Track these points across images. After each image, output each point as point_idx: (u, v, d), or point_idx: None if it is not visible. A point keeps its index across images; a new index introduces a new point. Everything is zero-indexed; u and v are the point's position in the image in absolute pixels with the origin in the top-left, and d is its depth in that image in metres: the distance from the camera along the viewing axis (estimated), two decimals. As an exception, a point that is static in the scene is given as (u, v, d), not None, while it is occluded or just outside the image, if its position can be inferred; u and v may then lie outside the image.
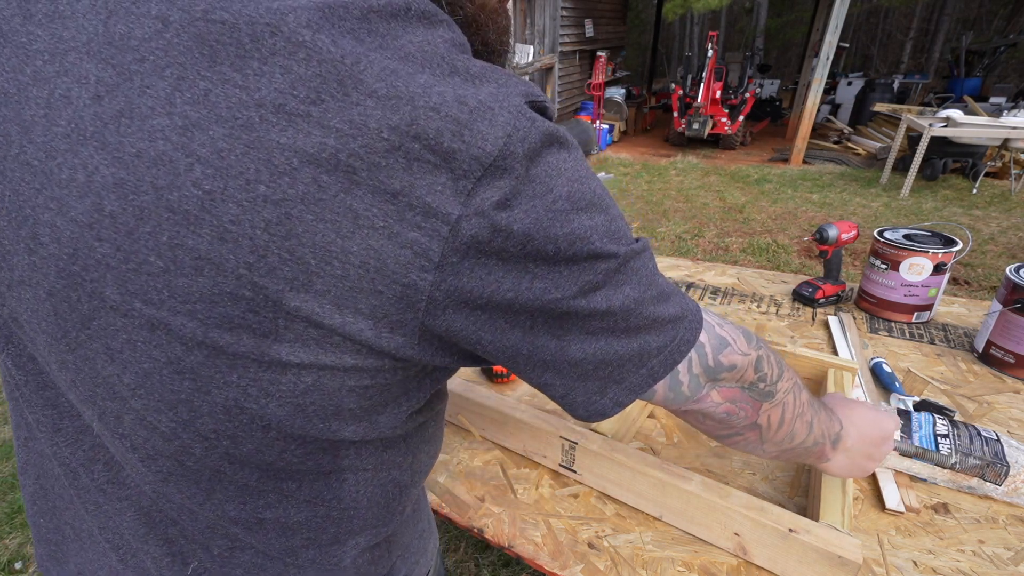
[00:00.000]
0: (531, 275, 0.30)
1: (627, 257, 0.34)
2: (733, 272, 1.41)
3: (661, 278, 0.37)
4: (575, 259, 0.31)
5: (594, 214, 0.32)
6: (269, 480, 0.36)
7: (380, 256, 0.27)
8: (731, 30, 18.45)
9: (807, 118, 5.93)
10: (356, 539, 0.42)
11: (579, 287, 0.32)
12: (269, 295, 0.27)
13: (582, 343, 0.34)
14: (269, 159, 0.25)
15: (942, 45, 12.62)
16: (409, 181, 0.26)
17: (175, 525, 0.39)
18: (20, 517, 1.79)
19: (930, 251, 1.05)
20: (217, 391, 0.30)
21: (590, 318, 0.33)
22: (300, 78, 0.25)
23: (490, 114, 0.27)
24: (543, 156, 0.29)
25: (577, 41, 7.83)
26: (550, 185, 0.29)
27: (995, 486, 0.68)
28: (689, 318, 0.39)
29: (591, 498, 0.73)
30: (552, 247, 0.30)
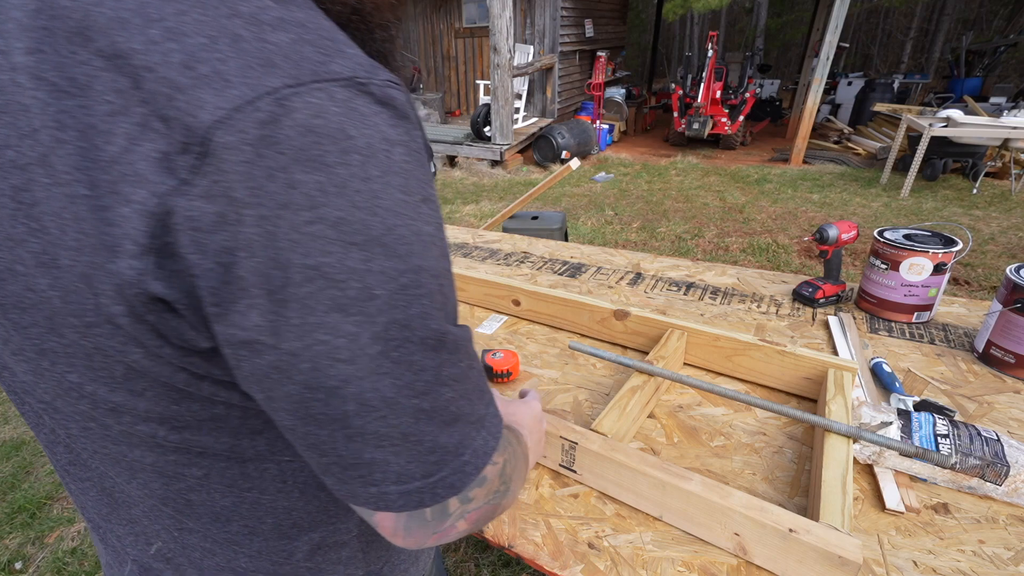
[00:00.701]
0: (246, 302, 0.24)
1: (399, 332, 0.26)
2: (733, 272, 1.41)
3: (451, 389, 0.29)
4: (310, 306, 0.24)
5: (376, 256, 0.25)
6: (170, 464, 0.35)
7: (99, 231, 0.24)
8: (731, 30, 18.45)
9: (807, 118, 5.93)
10: (309, 535, 0.41)
11: (303, 345, 0.25)
12: (28, 273, 0.26)
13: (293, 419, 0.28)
14: (14, 121, 0.25)
15: (942, 45, 12.61)
16: (125, 146, 0.23)
17: (137, 505, 0.39)
18: (20, 517, 1.79)
19: (930, 251, 1.05)
20: (47, 373, 0.30)
21: (308, 395, 0.26)
22: (26, 29, 0.24)
23: (221, 84, 0.23)
24: (308, 156, 0.24)
25: (577, 41, 7.83)
26: (308, 198, 0.24)
27: (995, 486, 0.68)
28: (466, 458, 0.31)
29: (591, 498, 0.73)
30: (280, 276, 0.24)
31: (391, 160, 0.26)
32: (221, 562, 0.41)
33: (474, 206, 5.00)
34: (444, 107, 7.67)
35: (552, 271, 1.46)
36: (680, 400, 0.91)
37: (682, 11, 10.37)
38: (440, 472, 0.30)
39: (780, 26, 16.30)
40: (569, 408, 0.91)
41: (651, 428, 0.85)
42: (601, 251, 1.59)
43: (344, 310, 0.25)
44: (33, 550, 1.69)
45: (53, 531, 1.75)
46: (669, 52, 19.28)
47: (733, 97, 6.80)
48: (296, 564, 0.42)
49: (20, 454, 2.06)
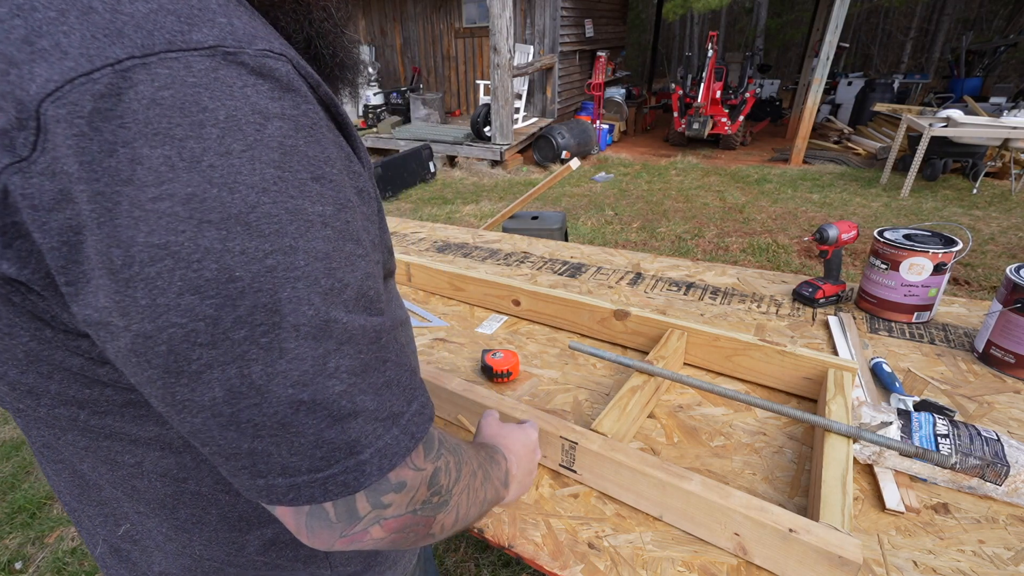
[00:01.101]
0: (92, 283, 0.24)
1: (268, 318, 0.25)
2: (733, 272, 1.41)
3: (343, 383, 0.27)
4: (160, 287, 0.23)
5: (235, 236, 0.23)
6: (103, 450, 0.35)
7: None
8: (731, 30, 18.45)
9: (807, 118, 5.93)
10: (260, 530, 0.41)
11: (157, 326, 0.24)
12: None
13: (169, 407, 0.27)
14: None
15: (942, 45, 12.61)
16: None
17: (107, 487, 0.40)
18: (20, 517, 1.79)
19: (930, 251, 1.05)
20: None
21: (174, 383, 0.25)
22: None
23: (58, 57, 0.22)
24: (153, 130, 0.22)
25: (577, 41, 7.83)
26: (153, 173, 0.22)
27: (995, 486, 0.68)
28: (364, 457, 0.29)
29: (591, 498, 0.73)
30: (120, 255, 0.23)
31: (263, 134, 0.24)
32: (179, 547, 0.41)
33: (474, 206, 5.00)
34: (444, 107, 7.67)
35: (552, 271, 1.46)
36: (680, 400, 0.91)
37: (682, 11, 10.38)
38: (330, 469, 0.28)
39: (780, 26, 16.29)
40: (569, 408, 0.91)
41: (651, 428, 0.85)
42: (601, 251, 1.59)
43: (200, 292, 0.23)
44: (33, 550, 1.69)
45: (53, 531, 1.75)
46: (669, 52, 19.28)
47: (733, 97, 6.80)
48: (250, 557, 0.42)
49: (20, 454, 2.06)
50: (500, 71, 5.72)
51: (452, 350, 1.10)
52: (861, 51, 16.33)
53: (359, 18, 8.05)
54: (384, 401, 0.30)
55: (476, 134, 6.34)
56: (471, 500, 0.41)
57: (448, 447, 0.38)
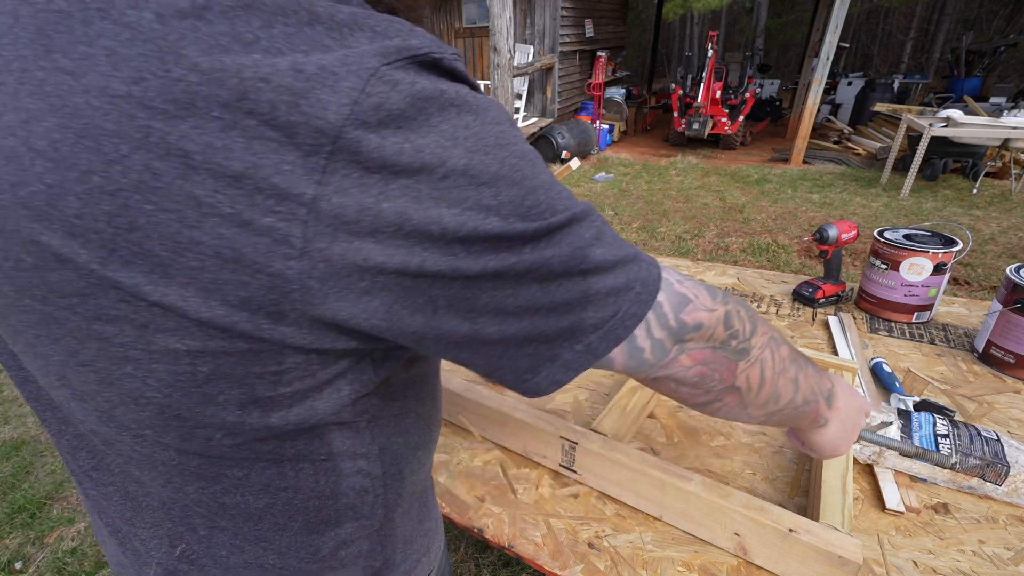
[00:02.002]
0: (418, 258, 0.27)
1: (545, 232, 0.30)
2: (733, 272, 1.41)
3: (600, 248, 0.33)
4: (473, 239, 0.28)
5: (501, 188, 0.29)
6: (213, 467, 0.35)
7: (235, 245, 0.25)
8: (731, 30, 18.45)
9: (807, 118, 5.93)
10: (336, 530, 0.42)
11: (480, 269, 0.29)
12: (128, 289, 0.26)
13: (500, 325, 0.31)
14: (99, 147, 0.24)
15: (942, 45, 12.61)
16: (252, 162, 0.24)
17: (162, 507, 0.39)
18: (20, 517, 1.79)
19: (930, 251, 1.05)
20: (119, 383, 0.30)
21: (506, 300, 0.31)
22: (123, 58, 0.23)
23: (332, 80, 0.24)
24: (421, 123, 0.26)
25: (577, 41, 7.83)
26: (435, 156, 0.26)
27: (995, 486, 0.68)
28: (637, 288, 0.35)
29: (591, 498, 0.73)
30: (437, 228, 0.27)
31: (476, 103, 0.29)
32: (249, 559, 0.41)
33: (474, 206, 5.00)
34: (444, 107, 7.66)
35: (552, 271, 1.46)
36: (680, 400, 0.91)
37: (682, 11, 10.38)
38: (621, 307, 0.34)
39: (780, 26, 16.30)
40: (569, 408, 0.91)
41: (651, 428, 0.85)
42: (601, 251, 1.59)
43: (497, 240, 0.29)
44: (33, 550, 1.69)
45: (53, 531, 1.75)
46: (669, 52, 19.28)
47: (733, 97, 6.80)
48: (321, 560, 0.42)
49: (20, 454, 2.06)
50: (500, 71, 5.72)
51: (452, 350, 1.09)
52: (861, 51, 16.33)
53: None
54: (621, 249, 0.35)
55: (476, 134, 6.33)
56: (776, 367, 0.45)
57: (738, 301, 0.43)
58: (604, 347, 0.35)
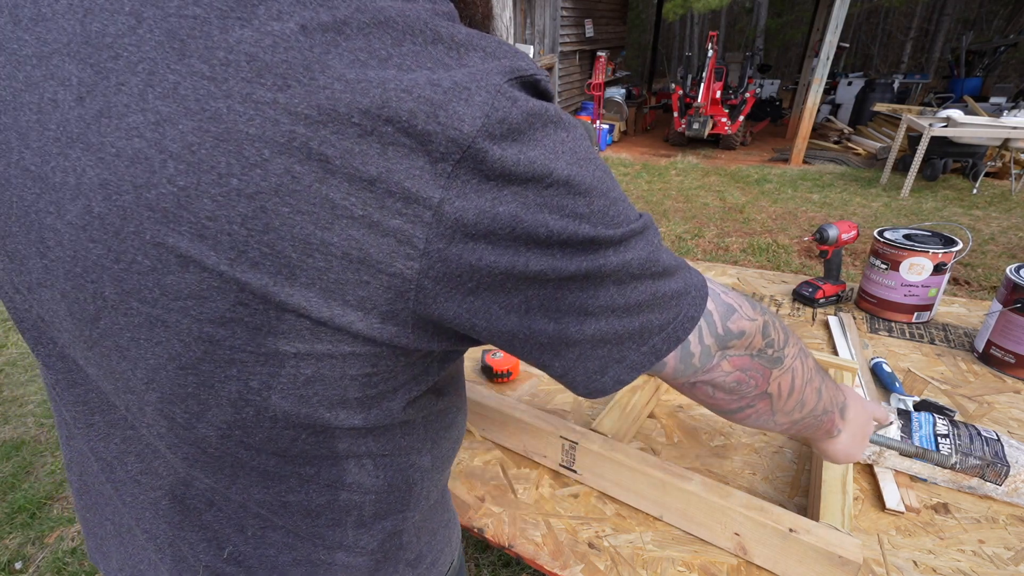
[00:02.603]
0: (524, 259, 0.29)
1: (625, 238, 0.33)
2: (733, 272, 1.41)
3: (664, 253, 0.36)
4: (569, 243, 0.30)
5: (593, 199, 0.31)
6: (288, 466, 0.36)
7: (362, 246, 0.26)
8: (731, 30, 18.45)
9: (807, 118, 5.93)
10: (382, 523, 0.43)
11: (574, 270, 0.31)
12: (255, 290, 0.27)
13: (580, 324, 0.34)
14: (239, 151, 0.24)
15: (942, 45, 12.62)
16: (386, 167, 0.25)
17: (209, 510, 0.40)
18: (20, 517, 1.79)
19: (930, 251, 1.05)
20: (220, 385, 0.31)
21: (588, 300, 0.33)
22: (267, 65, 0.24)
23: (466, 94, 0.26)
24: (531, 137, 0.28)
25: (577, 41, 7.83)
26: (543, 167, 0.28)
27: (995, 486, 0.68)
28: (693, 293, 0.38)
29: (591, 498, 0.73)
30: (544, 231, 0.29)
31: (565, 121, 0.31)
32: (299, 556, 0.42)
33: (474, 206, 5.00)
34: (444, 107, 7.67)
35: (552, 271, 1.46)
36: (680, 400, 0.91)
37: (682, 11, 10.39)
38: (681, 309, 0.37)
39: (780, 26, 16.30)
40: (569, 408, 0.91)
41: (651, 428, 0.85)
42: (601, 251, 1.59)
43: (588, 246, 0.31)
44: (33, 550, 1.69)
45: (53, 531, 1.75)
46: (669, 52, 19.28)
47: (733, 97, 6.80)
48: (367, 553, 0.43)
49: (20, 454, 2.06)
50: (500, 71, 5.71)
51: (452, 350, 1.10)
52: (861, 51, 16.33)
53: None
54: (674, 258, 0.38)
55: (476, 134, 6.33)
56: (805, 376, 0.48)
57: (773, 313, 0.45)
58: (666, 348, 0.37)
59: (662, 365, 0.38)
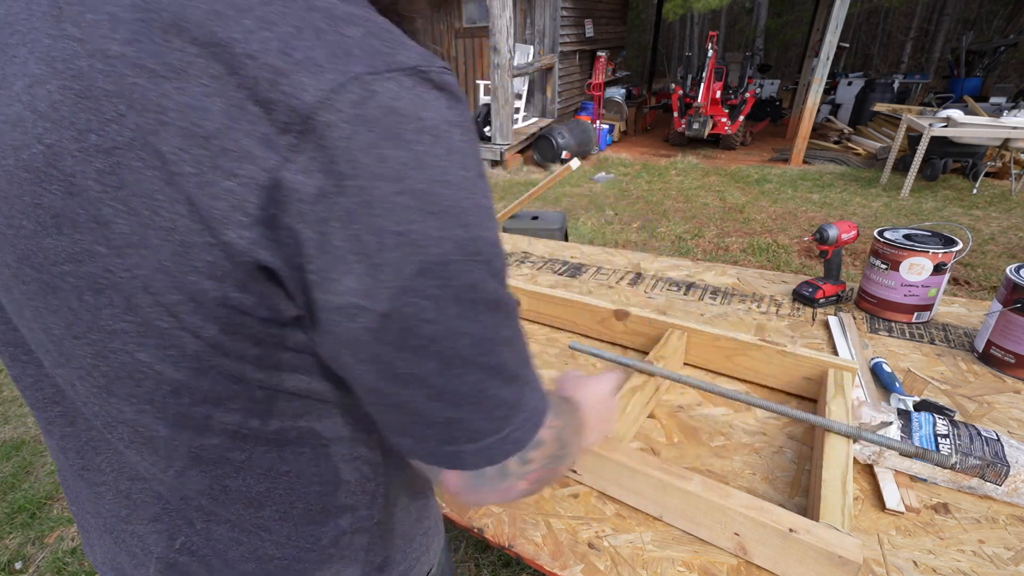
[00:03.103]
0: (346, 265, 0.27)
1: (472, 291, 0.29)
2: (733, 272, 1.41)
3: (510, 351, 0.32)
4: (401, 270, 0.27)
5: (449, 226, 0.28)
6: (215, 450, 0.36)
7: (198, 207, 0.26)
8: (731, 30, 18.45)
9: (807, 118, 5.92)
10: (336, 520, 0.42)
11: (392, 307, 0.28)
12: (105, 256, 0.27)
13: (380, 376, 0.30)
14: (98, 107, 0.25)
15: (942, 45, 12.61)
16: (225, 125, 0.25)
17: (157, 502, 0.40)
18: (20, 517, 1.79)
19: (930, 251, 1.05)
20: (113, 356, 0.31)
21: (398, 350, 0.29)
22: (123, 21, 0.25)
23: (317, 69, 0.25)
24: (392, 135, 0.26)
25: (577, 41, 7.83)
26: (396, 172, 0.26)
27: (995, 486, 0.68)
28: (526, 415, 0.33)
29: (591, 498, 0.73)
30: (375, 241, 0.26)
31: (452, 140, 0.28)
32: (247, 552, 0.41)
33: (474, 206, 4.99)
34: (444, 107, 7.66)
35: (552, 271, 1.46)
36: (680, 400, 0.91)
37: (682, 11, 10.38)
38: (507, 428, 0.33)
39: (780, 26, 16.30)
40: (569, 408, 0.91)
41: (651, 428, 0.85)
42: (601, 251, 1.59)
43: (427, 274, 0.28)
44: (33, 550, 1.69)
45: (53, 531, 1.75)
46: (669, 52, 19.28)
47: (733, 97, 6.80)
48: (322, 550, 0.42)
49: (20, 454, 2.06)
50: (500, 71, 5.72)
51: (452, 350, 1.09)
52: (861, 51, 16.33)
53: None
54: (525, 367, 0.34)
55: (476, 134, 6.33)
56: (575, 450, 0.44)
57: (562, 409, 0.42)
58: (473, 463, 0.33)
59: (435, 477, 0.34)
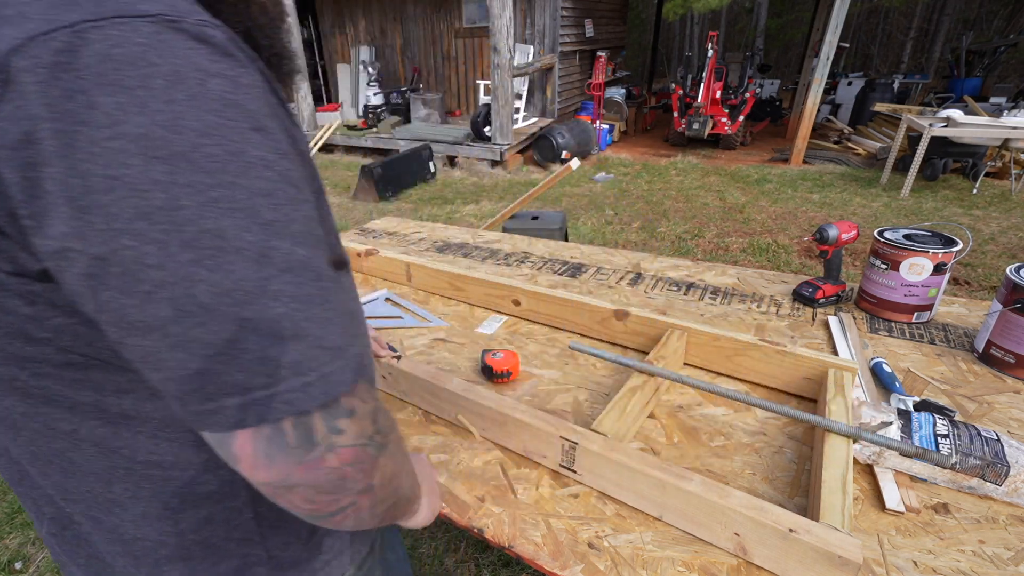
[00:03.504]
0: (54, 213, 0.26)
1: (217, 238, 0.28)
2: (733, 272, 1.41)
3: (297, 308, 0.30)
4: (113, 213, 0.26)
5: (180, 168, 0.27)
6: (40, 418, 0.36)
7: None
8: (731, 30, 18.45)
9: (807, 118, 5.93)
10: (195, 509, 0.41)
11: (106, 246, 0.27)
12: None
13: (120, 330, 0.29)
14: None
15: (942, 45, 12.61)
16: None
17: (27, 478, 0.42)
18: (21, 517, 1.79)
19: (930, 251, 1.05)
20: None
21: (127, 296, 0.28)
22: None
23: (20, 20, 0.25)
24: (110, 81, 0.25)
25: (577, 41, 7.83)
26: (108, 117, 0.25)
27: (995, 486, 0.68)
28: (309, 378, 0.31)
29: (591, 498, 0.73)
30: (80, 184, 0.26)
31: (204, 88, 0.27)
32: (108, 527, 0.42)
33: (474, 206, 5.00)
34: (444, 107, 7.67)
35: (552, 271, 1.46)
36: (680, 400, 0.91)
37: (682, 11, 10.38)
38: (277, 386, 0.30)
39: (780, 26, 16.30)
40: (569, 408, 0.91)
41: (651, 428, 0.85)
42: (601, 251, 1.59)
43: (149, 218, 0.26)
44: (33, 550, 1.69)
45: (53, 531, 1.75)
46: (669, 52, 19.28)
47: (733, 97, 6.80)
48: (184, 536, 0.42)
49: (20, 454, 2.07)
50: (500, 71, 5.72)
51: (452, 350, 1.10)
52: (861, 51, 16.33)
53: (359, 18, 8.05)
54: (327, 333, 0.32)
55: (476, 134, 6.34)
56: (401, 460, 0.42)
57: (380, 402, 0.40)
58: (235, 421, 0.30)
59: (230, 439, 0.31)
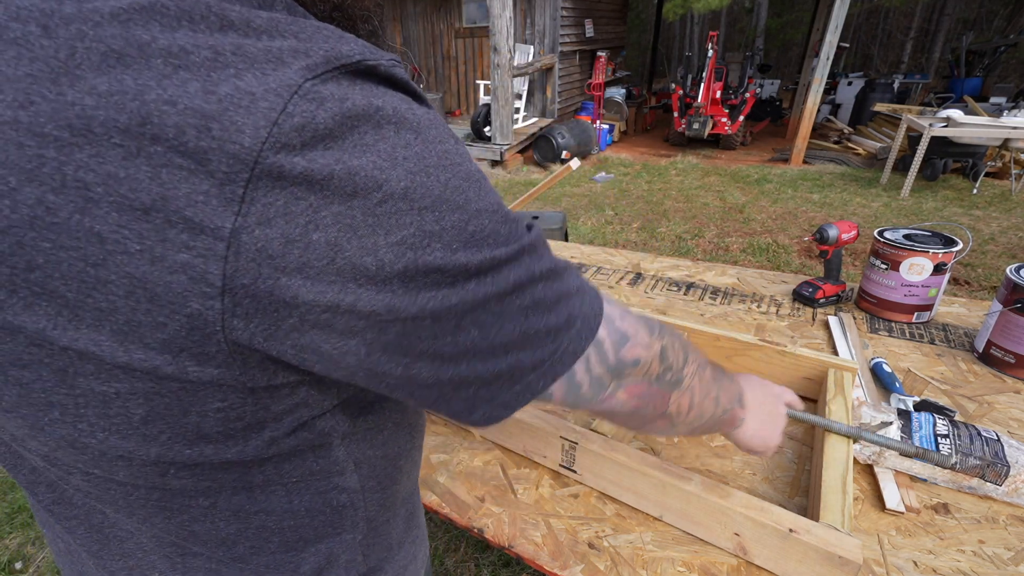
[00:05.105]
0: (351, 296, 0.25)
1: (487, 267, 0.28)
2: (733, 272, 1.41)
3: (543, 284, 0.31)
4: (411, 274, 0.26)
5: (444, 213, 0.26)
6: (176, 499, 0.34)
7: (147, 285, 0.23)
8: (731, 30, 18.45)
9: (807, 118, 5.92)
10: (316, 546, 0.41)
11: (419, 309, 0.26)
12: (31, 334, 0.24)
13: (435, 369, 0.29)
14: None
15: (942, 45, 12.61)
16: (161, 193, 0.22)
17: (129, 539, 0.38)
18: (21, 517, 1.79)
19: (930, 251, 1.05)
20: (50, 429, 0.28)
21: (441, 345, 0.28)
22: (8, 79, 0.21)
23: (247, 100, 0.22)
24: (354, 142, 0.24)
25: (577, 41, 7.83)
26: (370, 179, 0.24)
27: (995, 486, 0.68)
28: (578, 326, 0.34)
29: (591, 498, 0.73)
30: (373, 261, 0.25)
31: (417, 120, 0.27)
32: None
33: (474, 206, 5.00)
34: (444, 107, 7.67)
35: (552, 271, 1.45)
36: (680, 400, 0.91)
37: (682, 11, 10.39)
38: (560, 344, 0.33)
39: (780, 26, 16.30)
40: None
41: (651, 428, 0.85)
42: (601, 251, 1.59)
43: (441, 271, 0.27)
44: (33, 550, 1.69)
45: (53, 531, 1.75)
46: (669, 52, 19.28)
47: (733, 97, 6.80)
48: (303, 574, 0.42)
49: (20, 454, 2.06)
50: (500, 71, 5.72)
51: (452, 350, 1.09)
52: (861, 51, 16.33)
53: (359, 18, 8.03)
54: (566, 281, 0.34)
55: (476, 134, 6.34)
56: (703, 391, 0.46)
57: (672, 333, 0.43)
58: (542, 385, 0.33)
59: (547, 396, 0.35)
